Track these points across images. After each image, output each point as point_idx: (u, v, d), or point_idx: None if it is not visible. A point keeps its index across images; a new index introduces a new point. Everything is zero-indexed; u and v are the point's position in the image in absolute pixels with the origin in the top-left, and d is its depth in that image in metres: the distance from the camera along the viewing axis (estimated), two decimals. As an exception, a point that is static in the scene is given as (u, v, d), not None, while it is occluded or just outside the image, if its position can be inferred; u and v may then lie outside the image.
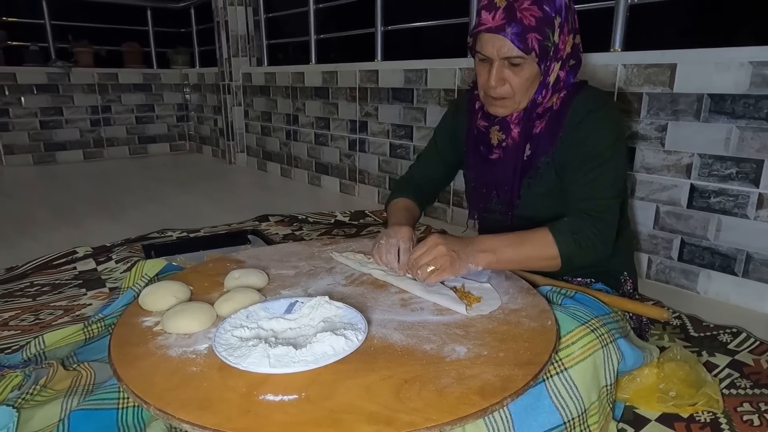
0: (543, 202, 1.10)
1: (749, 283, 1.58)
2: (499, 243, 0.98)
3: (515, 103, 1.03)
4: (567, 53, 1.01)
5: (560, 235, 0.97)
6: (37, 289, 1.71)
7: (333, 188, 3.37)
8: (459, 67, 2.37)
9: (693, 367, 1.06)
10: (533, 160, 1.07)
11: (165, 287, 0.94)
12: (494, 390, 0.65)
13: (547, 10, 0.95)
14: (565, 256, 0.97)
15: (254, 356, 0.70)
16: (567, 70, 1.04)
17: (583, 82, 1.08)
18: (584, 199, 1.01)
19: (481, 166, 1.16)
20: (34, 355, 1.13)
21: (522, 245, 0.98)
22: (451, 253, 0.93)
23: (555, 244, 0.97)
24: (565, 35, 0.99)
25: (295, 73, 3.55)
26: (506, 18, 0.94)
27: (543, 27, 0.95)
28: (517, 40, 0.94)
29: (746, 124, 1.51)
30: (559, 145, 1.04)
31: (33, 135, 4.37)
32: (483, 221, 1.25)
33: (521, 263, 1.00)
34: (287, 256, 1.16)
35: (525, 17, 0.94)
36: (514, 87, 1.00)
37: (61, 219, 2.64)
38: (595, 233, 0.98)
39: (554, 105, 1.05)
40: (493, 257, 0.96)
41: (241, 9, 3.97)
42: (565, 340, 0.81)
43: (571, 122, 1.02)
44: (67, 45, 4.61)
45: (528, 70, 0.99)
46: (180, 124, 5.17)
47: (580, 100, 1.03)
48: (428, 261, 0.93)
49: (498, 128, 1.09)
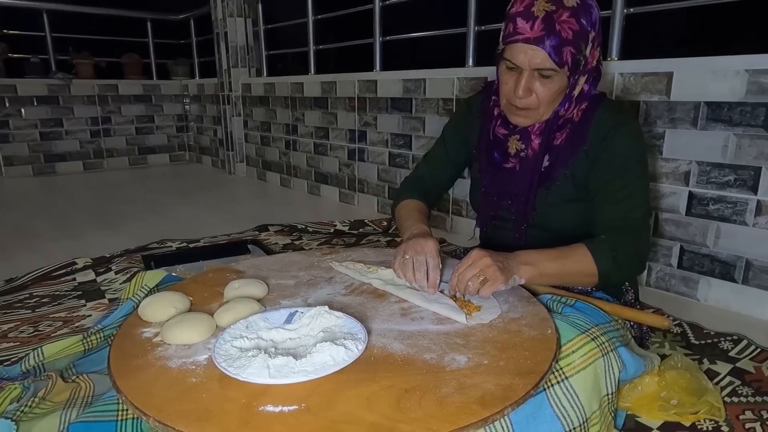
0: (557, 214, 1.09)
1: (749, 290, 1.58)
2: (541, 257, 0.96)
3: (539, 114, 1.02)
4: (593, 66, 1.01)
5: (600, 252, 0.97)
6: (37, 300, 1.70)
7: (332, 197, 3.38)
8: (457, 77, 2.39)
9: (694, 375, 1.06)
10: (552, 172, 1.06)
11: (165, 298, 0.94)
12: (495, 399, 0.65)
13: (584, 24, 0.93)
14: (603, 274, 0.97)
15: (254, 367, 0.70)
16: (590, 83, 1.03)
17: (602, 93, 1.07)
18: (620, 217, 1.01)
19: (495, 174, 1.14)
20: (33, 366, 1.12)
21: (562, 260, 0.97)
22: (498, 264, 0.91)
23: (594, 261, 0.96)
24: (595, 49, 0.99)
25: (295, 83, 3.57)
26: (545, 29, 0.91)
27: (578, 41, 0.93)
28: (554, 53, 0.92)
29: (743, 131, 1.51)
30: (581, 157, 1.03)
31: (33, 146, 4.38)
32: (491, 231, 1.23)
33: (561, 278, 0.98)
34: (287, 266, 1.16)
35: (563, 29, 0.91)
36: (541, 98, 0.98)
37: (61, 230, 2.64)
38: (634, 252, 0.99)
39: (575, 116, 1.04)
40: (535, 270, 0.95)
41: (240, 20, 4.00)
42: (566, 349, 0.81)
43: (596, 135, 1.01)
44: (68, 57, 4.64)
45: (558, 83, 0.97)
46: (180, 134, 5.19)
47: (604, 113, 1.02)
48: (476, 273, 0.90)
49: (518, 138, 1.07)
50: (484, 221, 1.21)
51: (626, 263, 0.98)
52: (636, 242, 1.00)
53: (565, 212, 1.08)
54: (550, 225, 1.10)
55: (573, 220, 1.07)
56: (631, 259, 0.99)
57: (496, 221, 1.19)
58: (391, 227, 2.60)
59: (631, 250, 0.99)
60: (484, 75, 2.26)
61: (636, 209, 1.01)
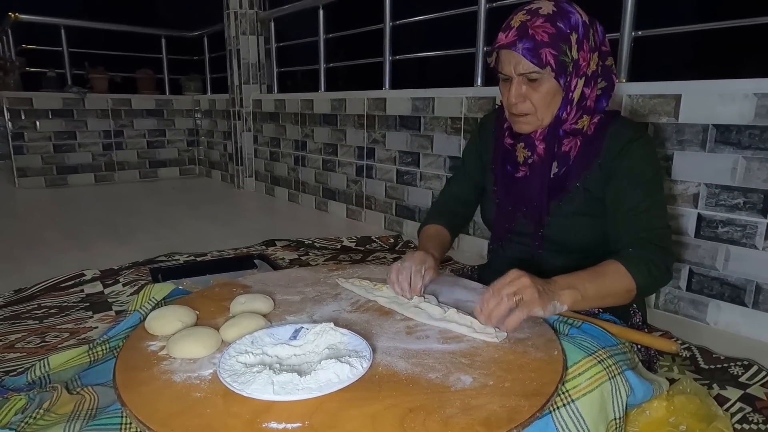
0: (570, 227, 1.10)
1: (759, 314, 1.56)
2: (579, 279, 0.94)
3: (538, 119, 1.05)
4: (593, 71, 1.03)
5: (634, 266, 0.96)
6: (45, 311, 1.71)
7: (340, 214, 3.39)
8: (466, 96, 2.40)
9: (704, 401, 1.04)
10: (565, 183, 1.07)
11: (171, 312, 0.95)
12: (500, 421, 0.64)
13: (561, 27, 0.97)
14: (641, 287, 0.96)
15: (258, 383, 0.70)
16: (596, 90, 1.05)
17: (616, 111, 1.10)
18: (645, 229, 1.01)
19: (508, 186, 1.16)
20: (39, 377, 1.12)
21: (600, 279, 0.95)
22: (538, 287, 0.86)
23: (630, 275, 0.96)
24: (586, 52, 1.01)
25: (305, 100, 3.61)
26: (518, 35, 0.97)
27: (557, 42, 0.97)
28: (530, 54, 0.96)
29: (752, 154, 1.51)
30: (595, 171, 1.05)
31: (46, 158, 4.45)
32: (505, 246, 1.22)
33: (602, 299, 0.96)
34: (293, 282, 1.17)
35: (537, 33, 0.96)
36: (535, 103, 1.02)
37: (71, 241, 2.67)
38: (663, 262, 0.99)
39: (588, 129, 1.06)
40: (578, 294, 0.91)
41: (252, 38, 4.08)
42: (572, 371, 0.80)
43: (611, 149, 1.03)
44: (84, 71, 4.74)
45: (546, 86, 1.00)
46: (190, 148, 5.25)
47: (618, 128, 1.04)
48: (513, 292, 0.86)
49: (523, 145, 1.10)
50: (500, 236, 1.20)
51: (659, 274, 0.98)
52: (663, 252, 1.00)
53: (579, 227, 1.09)
54: (563, 239, 1.10)
55: (587, 235, 1.07)
56: (662, 269, 0.99)
57: (512, 235, 1.19)
58: (398, 244, 2.60)
59: (661, 260, 0.99)
60: (492, 95, 2.27)
61: (658, 220, 1.02)
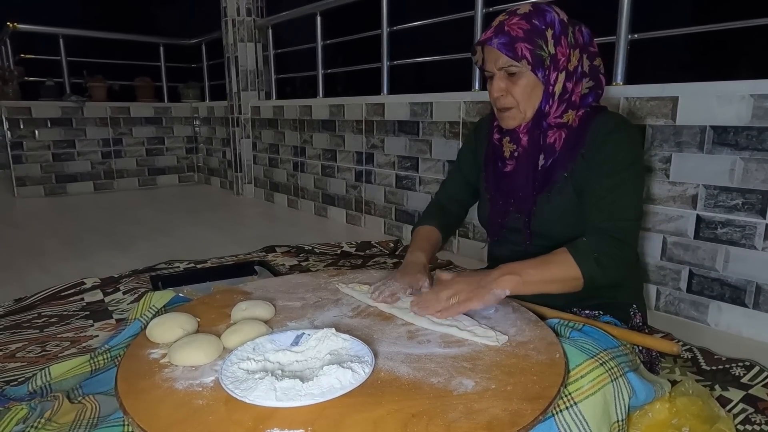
0: (560, 219, 1.11)
1: (760, 315, 1.56)
2: (522, 265, 0.98)
3: (521, 112, 1.08)
4: (575, 66, 1.06)
5: (581, 255, 0.98)
6: (45, 320, 1.71)
7: (339, 219, 3.39)
8: (463, 101, 2.41)
9: (706, 402, 1.04)
10: (552, 174, 1.10)
11: (172, 319, 0.95)
12: (502, 425, 0.64)
13: (536, 23, 1.02)
14: (587, 277, 0.98)
15: (260, 389, 0.69)
16: (581, 87, 1.07)
17: (603, 106, 1.13)
18: (605, 219, 1.03)
19: (498, 181, 1.19)
20: (40, 387, 1.12)
21: (545, 266, 0.98)
22: (471, 286, 0.94)
23: (576, 264, 0.98)
24: (565, 48, 1.04)
25: (303, 106, 3.62)
26: (495, 32, 1.04)
27: (532, 37, 1.02)
28: (505, 48, 1.02)
29: (750, 155, 1.52)
30: (579, 162, 1.07)
31: (45, 167, 4.45)
32: (500, 244, 1.25)
33: (546, 285, 0.99)
34: (294, 288, 1.17)
35: (512, 29, 1.02)
36: (516, 96, 1.06)
37: (71, 250, 2.67)
38: (615, 253, 1.00)
39: (573, 122, 1.09)
40: (518, 279, 0.95)
41: (251, 45, 4.09)
42: (574, 374, 0.80)
43: (593, 140, 1.06)
44: (82, 80, 4.75)
45: (525, 79, 1.04)
46: (189, 156, 5.25)
47: (602, 121, 1.07)
48: (449, 295, 0.94)
49: (509, 139, 1.14)
50: (494, 231, 1.23)
51: (611, 264, 0.99)
52: (618, 244, 1.00)
53: (568, 219, 1.10)
54: (553, 233, 1.12)
55: (577, 227, 1.08)
56: (614, 260, 0.99)
57: (505, 231, 1.20)
58: (397, 249, 2.60)
59: (615, 251, 1.00)
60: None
61: (624, 211, 1.03)
